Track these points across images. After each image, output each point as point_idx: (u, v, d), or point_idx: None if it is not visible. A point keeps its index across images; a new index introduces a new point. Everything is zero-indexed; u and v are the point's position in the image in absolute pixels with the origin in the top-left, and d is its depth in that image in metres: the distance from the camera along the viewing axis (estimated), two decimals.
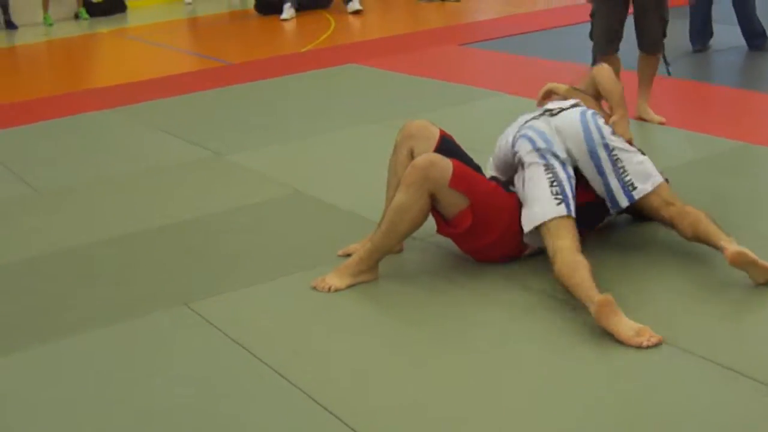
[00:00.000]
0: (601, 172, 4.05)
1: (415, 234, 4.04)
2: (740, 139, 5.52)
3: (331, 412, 3.10)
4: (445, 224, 4.03)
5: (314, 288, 3.97)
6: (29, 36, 12.20)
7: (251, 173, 5.66)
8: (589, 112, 4.16)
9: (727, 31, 8.24)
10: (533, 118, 4.20)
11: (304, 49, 9.87)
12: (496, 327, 3.63)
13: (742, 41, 8.07)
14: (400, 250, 4.20)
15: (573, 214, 3.86)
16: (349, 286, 3.96)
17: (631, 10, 6.03)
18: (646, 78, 6.08)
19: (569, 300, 3.67)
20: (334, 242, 4.36)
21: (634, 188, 4.06)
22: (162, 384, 3.39)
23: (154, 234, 4.80)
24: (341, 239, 4.38)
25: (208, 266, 4.37)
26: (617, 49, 6.08)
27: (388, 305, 3.90)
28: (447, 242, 4.21)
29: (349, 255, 4.13)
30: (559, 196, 3.88)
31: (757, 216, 4.46)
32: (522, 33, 9.62)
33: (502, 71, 8.02)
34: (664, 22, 5.96)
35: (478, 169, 4.18)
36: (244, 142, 6.30)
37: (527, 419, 3.02)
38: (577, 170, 4.05)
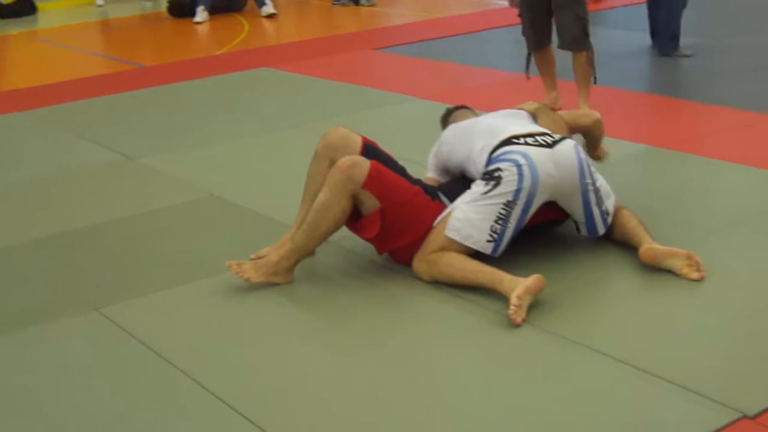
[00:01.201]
0: (587, 208, 4.05)
1: (328, 238, 4.06)
2: (644, 143, 5.68)
3: (246, 417, 3.11)
4: (354, 225, 4.06)
5: (229, 268, 3.97)
6: None
7: (165, 177, 5.63)
8: (579, 146, 4.10)
9: (626, 36, 8.44)
10: (524, 141, 4.02)
11: (218, 53, 9.82)
12: (410, 327, 3.69)
13: (644, 45, 8.27)
14: (313, 255, 4.21)
15: (495, 255, 3.91)
16: (262, 284, 3.98)
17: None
18: (578, 77, 6.25)
19: (477, 298, 3.77)
20: (249, 246, 4.36)
21: (609, 214, 4.11)
22: (70, 390, 3.36)
23: (64, 238, 4.75)
24: (256, 243, 4.38)
25: (119, 270, 4.34)
26: (549, 43, 6.38)
27: (303, 307, 3.92)
28: (360, 246, 4.24)
29: (261, 258, 4.14)
30: (495, 235, 3.90)
31: (672, 210, 4.61)
32: (436, 38, 9.68)
33: (415, 76, 8.07)
34: (581, 20, 6.09)
35: (402, 171, 4.20)
36: (157, 146, 6.26)
37: (445, 418, 3.06)
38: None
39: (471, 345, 3.52)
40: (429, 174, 4.47)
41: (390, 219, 3.95)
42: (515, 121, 4.29)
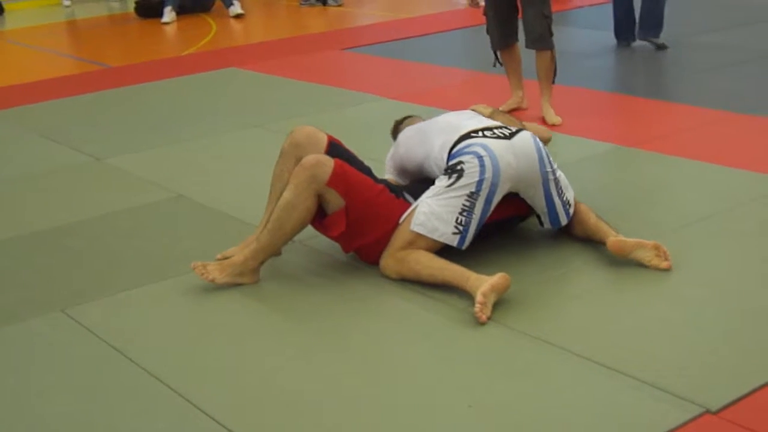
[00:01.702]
0: (548, 198, 4.09)
1: (293, 237, 4.07)
2: (609, 141, 5.71)
3: (212, 417, 3.11)
4: (320, 224, 4.06)
5: (193, 269, 3.97)
6: None
7: (132, 177, 5.61)
8: (536, 137, 4.15)
9: (591, 35, 8.47)
10: (483, 134, 4.08)
11: (185, 53, 9.80)
12: (376, 324, 3.70)
13: (609, 44, 8.32)
14: (279, 254, 4.21)
15: (462, 248, 3.94)
16: (228, 284, 3.98)
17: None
18: (541, 76, 6.24)
19: (443, 296, 3.79)
20: (215, 246, 4.36)
21: (570, 205, 4.15)
22: (36, 392, 3.35)
23: (31, 239, 4.74)
24: (223, 243, 4.38)
25: (86, 271, 4.33)
26: (515, 41, 6.36)
27: (269, 307, 3.93)
28: (325, 245, 4.24)
29: (227, 259, 4.13)
30: (460, 227, 3.93)
31: (638, 208, 4.65)
32: (403, 38, 9.70)
33: (383, 76, 8.08)
34: (547, 19, 6.10)
35: (368, 171, 4.21)
36: (124, 146, 6.24)
37: (410, 416, 3.07)
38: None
39: (436, 342, 3.53)
40: (387, 176, 4.48)
41: (355, 217, 3.96)
42: (471, 118, 4.32)
